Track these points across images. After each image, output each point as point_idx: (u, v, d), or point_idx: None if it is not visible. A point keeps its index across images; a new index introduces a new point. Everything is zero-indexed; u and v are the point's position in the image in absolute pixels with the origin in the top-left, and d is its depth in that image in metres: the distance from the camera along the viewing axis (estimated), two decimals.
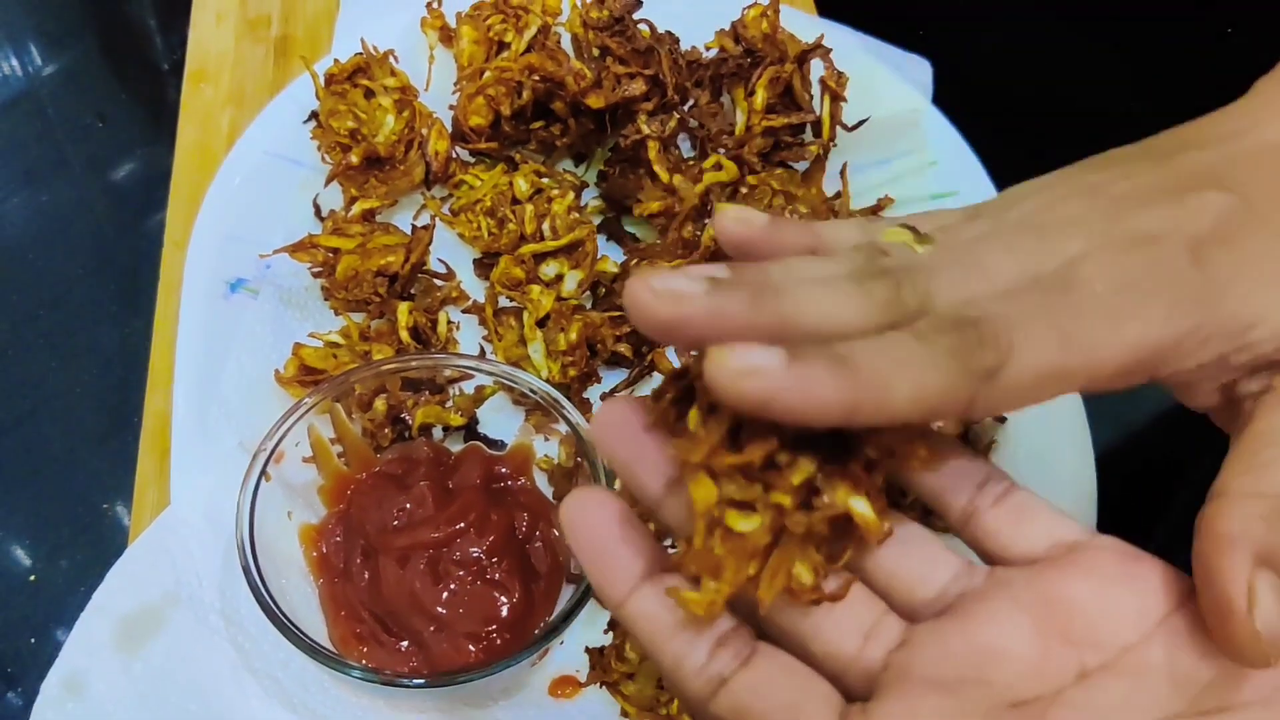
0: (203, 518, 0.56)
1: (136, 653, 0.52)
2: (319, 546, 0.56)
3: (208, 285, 0.65)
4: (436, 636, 0.54)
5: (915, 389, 0.32)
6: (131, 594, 0.54)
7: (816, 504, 0.34)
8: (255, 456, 0.54)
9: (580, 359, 0.63)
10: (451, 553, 0.55)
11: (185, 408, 0.60)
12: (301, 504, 0.57)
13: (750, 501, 0.34)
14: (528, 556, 0.57)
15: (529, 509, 0.58)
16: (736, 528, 0.34)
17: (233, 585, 0.54)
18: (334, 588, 0.55)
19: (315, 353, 0.62)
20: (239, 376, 0.62)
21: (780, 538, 0.34)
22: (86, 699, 0.52)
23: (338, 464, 0.58)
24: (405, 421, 0.61)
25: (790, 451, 0.34)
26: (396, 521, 0.57)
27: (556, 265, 0.67)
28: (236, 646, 0.53)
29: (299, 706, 0.53)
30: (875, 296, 0.34)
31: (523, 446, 0.60)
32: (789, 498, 0.34)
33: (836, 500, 0.34)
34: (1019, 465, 0.60)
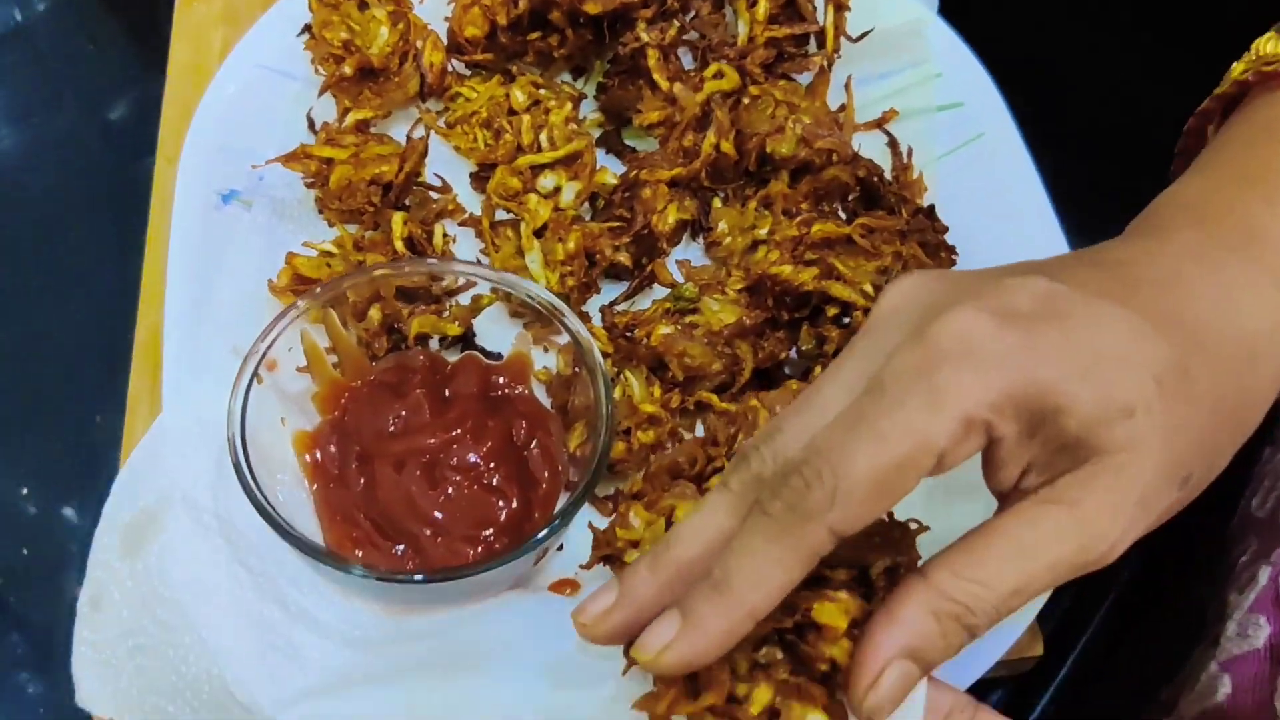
0: (196, 423, 0.55)
1: (137, 556, 0.52)
2: (313, 452, 0.55)
3: (200, 196, 0.64)
4: (433, 540, 0.53)
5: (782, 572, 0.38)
6: (132, 501, 0.54)
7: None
8: (246, 358, 0.53)
9: (579, 269, 0.62)
10: (448, 458, 0.55)
11: (177, 317, 0.59)
12: (296, 411, 0.57)
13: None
14: (526, 464, 0.56)
15: (527, 417, 0.57)
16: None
17: (227, 489, 0.53)
18: (328, 493, 0.54)
19: (309, 262, 0.61)
20: (232, 287, 0.61)
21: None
22: (107, 611, 0.52)
23: (332, 371, 0.57)
24: (401, 332, 0.60)
25: (748, 681, 0.40)
26: (392, 428, 0.56)
27: (554, 177, 0.66)
28: (232, 546, 0.52)
29: (293, 609, 0.52)
30: (733, 489, 0.41)
31: (520, 356, 0.59)
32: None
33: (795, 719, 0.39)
34: None
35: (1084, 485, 0.39)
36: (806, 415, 0.41)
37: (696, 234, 0.66)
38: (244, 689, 0.49)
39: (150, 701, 0.50)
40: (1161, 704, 0.54)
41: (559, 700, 0.48)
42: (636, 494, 0.54)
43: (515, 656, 0.51)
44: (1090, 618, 0.60)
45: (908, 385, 0.38)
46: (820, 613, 0.40)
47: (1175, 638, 0.57)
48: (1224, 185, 0.48)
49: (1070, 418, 0.39)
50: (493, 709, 0.48)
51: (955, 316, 0.39)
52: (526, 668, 0.50)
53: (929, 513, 0.54)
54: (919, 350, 0.39)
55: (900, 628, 0.39)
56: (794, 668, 0.41)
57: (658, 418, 0.57)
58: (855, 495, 0.38)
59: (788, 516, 0.38)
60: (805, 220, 0.60)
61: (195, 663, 0.50)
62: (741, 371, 0.59)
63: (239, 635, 0.51)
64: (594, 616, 0.42)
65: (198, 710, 0.50)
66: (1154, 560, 0.62)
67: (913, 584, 0.40)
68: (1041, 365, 0.38)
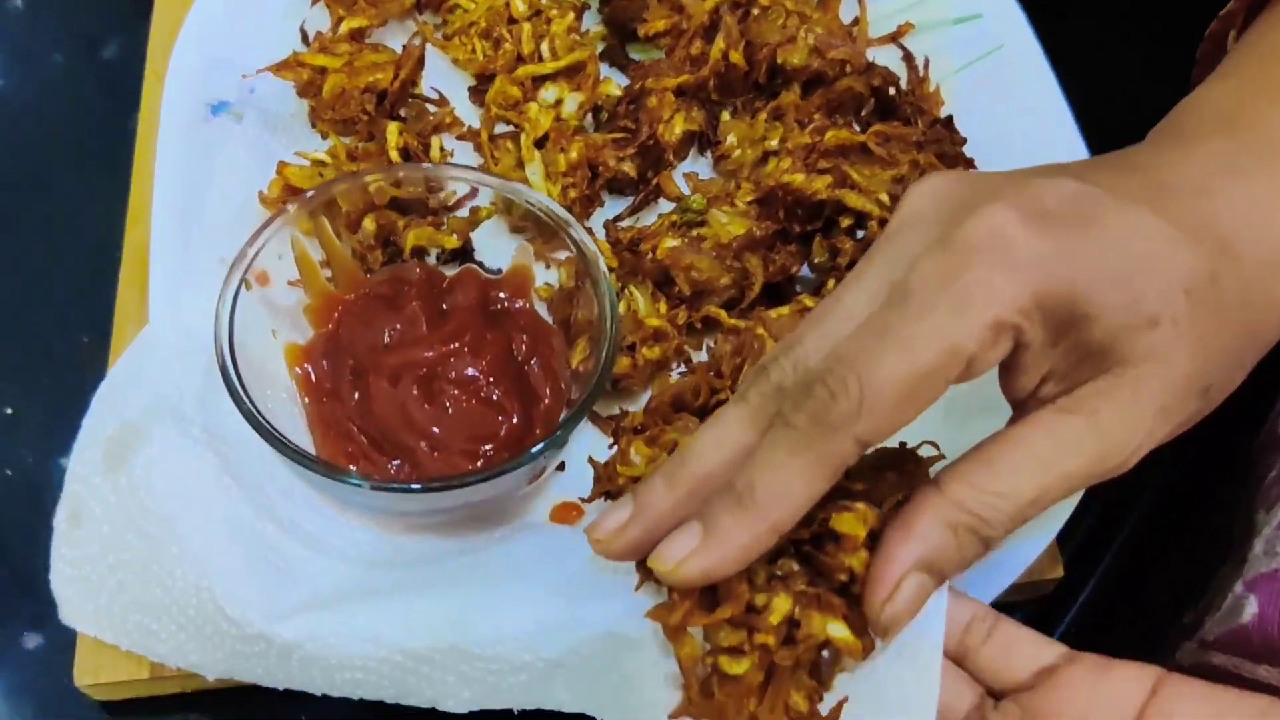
0: (183, 334, 0.53)
1: (120, 469, 0.50)
2: (305, 366, 0.53)
3: (188, 107, 0.61)
4: (431, 455, 0.51)
5: (806, 485, 0.37)
6: (115, 414, 0.51)
7: (798, 636, 0.39)
8: (234, 263, 0.51)
9: (581, 181, 0.59)
10: (446, 372, 0.53)
11: (164, 229, 0.57)
12: (288, 324, 0.54)
13: (738, 646, 0.38)
14: (526, 379, 0.54)
15: (528, 331, 0.55)
16: (730, 671, 0.38)
17: (215, 402, 0.51)
18: (322, 407, 0.52)
19: (301, 172, 0.58)
20: (221, 200, 0.59)
21: (772, 673, 0.39)
22: (87, 526, 0.50)
23: (324, 283, 0.55)
24: (396, 245, 0.57)
25: (765, 592, 0.39)
26: (387, 341, 0.54)
27: (556, 89, 0.63)
28: (221, 459, 0.50)
29: (286, 523, 0.50)
30: (751, 402, 0.40)
31: (521, 268, 0.57)
32: (772, 637, 0.38)
33: (815, 630, 0.38)
34: None
35: (1104, 395, 0.38)
36: (828, 324, 0.39)
37: (704, 148, 0.64)
38: (234, 603, 0.47)
39: (133, 619, 0.48)
40: (1185, 627, 0.52)
41: (568, 615, 0.46)
42: (638, 428, 0.52)
43: (520, 575, 0.49)
44: (1111, 540, 0.58)
45: (935, 289, 0.37)
46: (839, 523, 0.39)
47: (1199, 560, 0.55)
48: (1252, 94, 0.46)
49: (1096, 326, 0.38)
50: (497, 623, 0.46)
51: (985, 216, 0.38)
52: (533, 584, 0.48)
53: (945, 432, 0.53)
54: (947, 253, 0.38)
55: (915, 540, 0.38)
56: (812, 579, 0.39)
57: (663, 332, 0.55)
58: (882, 405, 0.37)
59: (813, 428, 0.37)
60: (818, 128, 0.58)
61: (182, 577, 0.48)
62: (751, 286, 0.57)
63: (229, 549, 0.48)
64: (608, 532, 0.41)
65: (184, 626, 0.48)
66: (1176, 482, 0.60)
67: (927, 495, 0.39)
68: (1074, 269, 0.37)
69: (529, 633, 0.46)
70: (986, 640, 0.42)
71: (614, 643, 0.45)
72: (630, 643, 0.44)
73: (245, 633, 0.47)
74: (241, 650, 0.48)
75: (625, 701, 0.45)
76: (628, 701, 0.44)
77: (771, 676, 0.39)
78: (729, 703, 0.38)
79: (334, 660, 0.47)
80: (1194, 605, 0.53)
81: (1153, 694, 0.39)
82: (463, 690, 0.46)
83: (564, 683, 0.46)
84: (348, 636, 0.47)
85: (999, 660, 0.42)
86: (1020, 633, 0.42)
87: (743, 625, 0.39)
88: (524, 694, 0.46)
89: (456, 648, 0.46)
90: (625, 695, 0.44)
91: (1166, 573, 0.57)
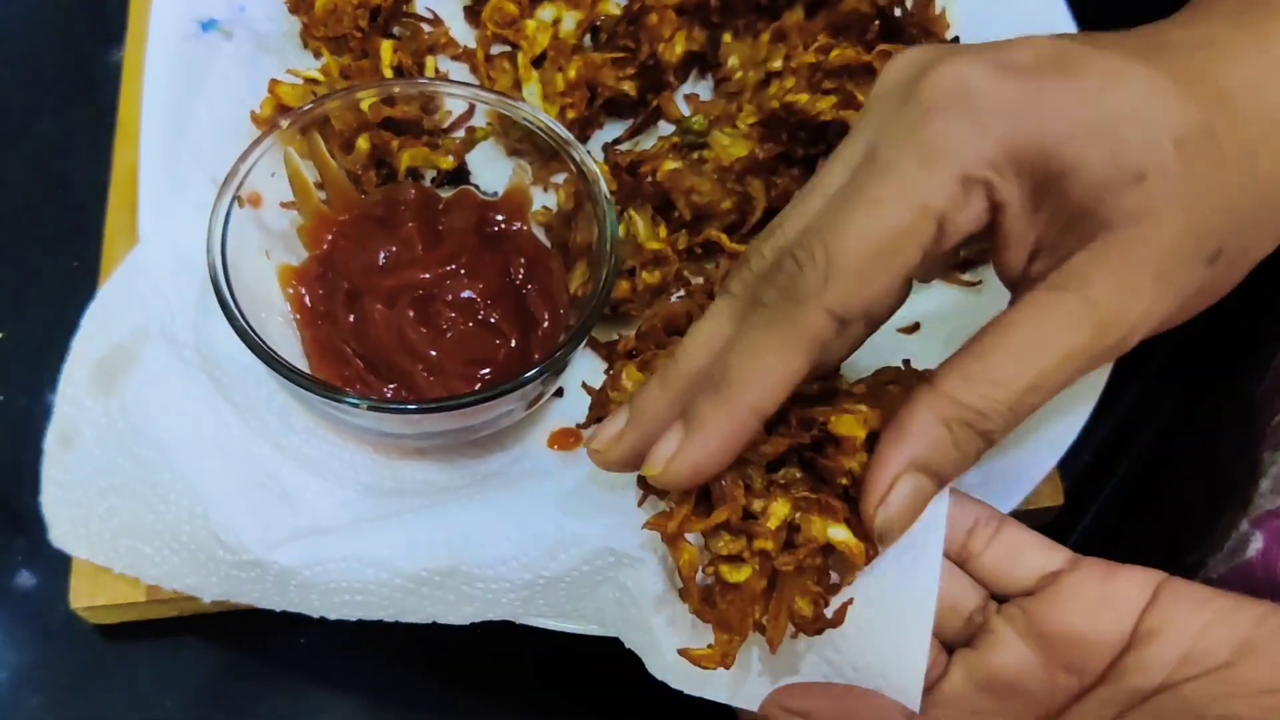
0: (173, 255, 0.52)
1: (111, 391, 0.49)
2: (299, 288, 0.52)
3: (177, 24, 0.60)
4: (427, 379, 0.50)
5: (780, 363, 0.36)
6: (104, 335, 0.51)
7: (798, 540, 0.38)
8: (226, 180, 0.49)
9: (579, 101, 0.58)
10: (443, 294, 0.52)
11: (153, 148, 0.55)
12: (281, 247, 0.53)
13: (738, 554, 0.37)
14: (524, 303, 0.53)
15: (525, 255, 0.54)
16: (731, 579, 0.37)
17: (209, 324, 0.50)
18: (317, 330, 0.51)
19: (293, 90, 0.57)
20: (211, 119, 0.57)
21: (775, 580, 0.38)
22: (78, 449, 0.49)
23: (318, 203, 0.54)
24: (391, 166, 0.56)
25: (764, 498, 0.38)
26: (383, 263, 0.53)
27: (554, 8, 0.61)
28: (214, 381, 0.49)
29: (283, 445, 0.49)
30: (734, 292, 0.39)
31: (518, 190, 0.56)
32: (771, 542, 0.37)
33: (815, 534, 0.38)
34: None
35: (1094, 263, 0.36)
36: (807, 202, 0.38)
37: (705, 71, 0.63)
38: (229, 529, 0.46)
39: (125, 543, 0.48)
40: (1187, 568, 0.52)
41: (567, 532, 0.45)
42: (630, 352, 0.51)
43: (520, 498, 0.48)
44: (1113, 469, 0.58)
45: (900, 148, 0.36)
46: (838, 425, 0.38)
47: (1196, 503, 0.55)
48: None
49: (1077, 183, 0.35)
50: (497, 544, 0.46)
51: (949, 68, 0.36)
52: (532, 506, 0.47)
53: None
54: (909, 107, 0.36)
55: (909, 440, 0.37)
56: (814, 485, 0.39)
57: (664, 256, 0.54)
58: (849, 270, 0.35)
59: (782, 303, 0.36)
60: (823, 47, 0.56)
61: (175, 502, 0.47)
62: (753, 210, 0.56)
63: (224, 473, 0.48)
64: (607, 441, 0.40)
65: (178, 552, 0.47)
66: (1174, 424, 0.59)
67: (920, 394, 0.37)
68: (1045, 119, 0.35)
69: (528, 553, 0.45)
70: (990, 544, 0.41)
71: (613, 559, 0.44)
72: (630, 559, 0.44)
73: (240, 559, 0.46)
74: (236, 575, 0.47)
75: (625, 615, 0.44)
76: (628, 616, 0.44)
77: (775, 584, 0.38)
78: (732, 611, 0.38)
79: (332, 585, 0.46)
80: (1195, 547, 0.53)
81: (1154, 598, 0.39)
82: (463, 605, 0.46)
83: (565, 596, 0.45)
84: (345, 561, 0.46)
85: (1003, 564, 0.41)
86: (1025, 537, 0.42)
87: (742, 532, 0.38)
88: (524, 607, 0.46)
89: (456, 570, 0.45)
90: (626, 609, 0.44)
91: (1165, 511, 0.57)
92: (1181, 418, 0.60)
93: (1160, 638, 0.38)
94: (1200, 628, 0.38)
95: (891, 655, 0.40)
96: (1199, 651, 0.37)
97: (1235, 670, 0.37)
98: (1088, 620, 0.39)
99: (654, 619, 0.42)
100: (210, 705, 0.52)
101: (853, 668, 0.40)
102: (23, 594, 0.54)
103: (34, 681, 0.52)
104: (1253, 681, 0.37)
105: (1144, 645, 0.38)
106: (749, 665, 0.42)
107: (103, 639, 0.53)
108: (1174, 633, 0.38)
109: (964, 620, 0.41)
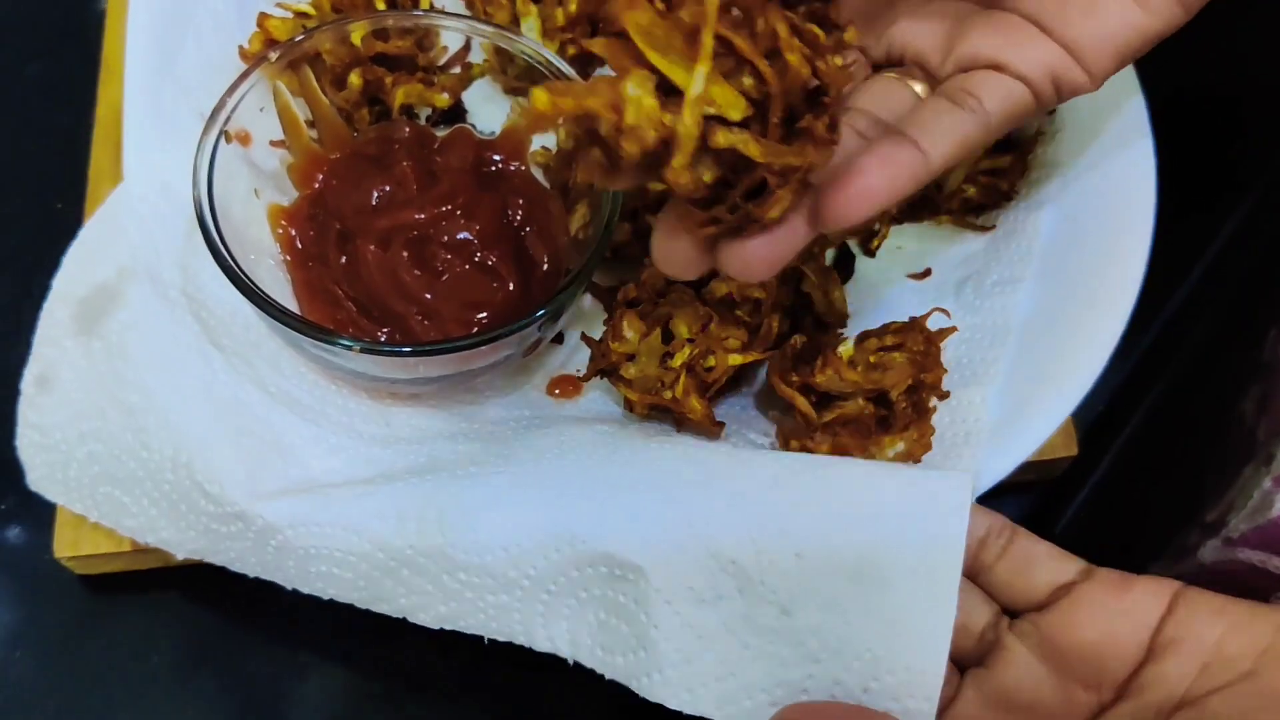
0: (159, 192, 0.50)
1: (94, 332, 0.47)
2: (289, 229, 0.50)
3: None
4: (422, 323, 0.48)
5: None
6: (87, 275, 0.49)
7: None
8: (213, 114, 0.47)
9: (580, 36, 0.56)
10: (438, 236, 0.50)
11: (138, 83, 0.53)
12: (271, 186, 0.52)
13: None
14: (523, 245, 0.51)
15: (524, 195, 0.52)
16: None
17: (197, 264, 0.49)
18: (307, 273, 0.50)
19: (283, 24, 0.55)
20: (197, 54, 0.55)
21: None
22: (56, 392, 0.47)
23: (309, 140, 0.52)
24: (384, 104, 0.54)
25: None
26: (376, 203, 0.51)
27: None
28: (202, 324, 0.48)
29: (273, 389, 0.48)
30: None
31: (517, 128, 0.54)
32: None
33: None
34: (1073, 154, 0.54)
35: None
36: None
37: None
38: (214, 479, 0.45)
39: (102, 491, 0.46)
40: (1207, 526, 0.51)
41: (564, 527, 0.43)
42: (630, 301, 0.50)
43: (519, 482, 0.45)
44: (1126, 421, 0.56)
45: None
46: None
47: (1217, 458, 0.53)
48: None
49: None
50: (489, 530, 0.43)
51: None
52: (533, 493, 0.44)
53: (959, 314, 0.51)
54: None
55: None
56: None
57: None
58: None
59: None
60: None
61: (158, 449, 0.45)
62: None
63: (211, 419, 0.46)
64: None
65: (157, 502, 0.46)
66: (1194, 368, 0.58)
67: None
68: None
69: (520, 544, 0.43)
70: (1002, 555, 0.41)
71: (606, 570, 0.42)
72: (627, 570, 0.41)
73: (224, 511, 0.45)
74: (216, 530, 0.46)
75: (611, 639, 0.42)
76: (615, 638, 0.42)
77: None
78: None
79: (312, 549, 0.44)
80: (1214, 504, 0.51)
81: (1169, 610, 0.38)
82: (438, 604, 0.44)
83: (542, 610, 0.43)
84: (331, 525, 0.44)
85: (1016, 576, 0.40)
86: (1037, 548, 0.41)
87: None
88: (498, 618, 0.43)
89: (442, 552, 0.43)
90: (612, 631, 0.42)
91: (1181, 466, 0.55)
92: (1199, 369, 0.59)
93: (1179, 649, 0.37)
94: (1219, 637, 0.37)
95: (905, 676, 0.38)
96: (1220, 661, 0.37)
97: (1261, 681, 0.36)
98: (1103, 633, 0.38)
99: (654, 631, 0.40)
100: (197, 659, 0.50)
101: (863, 689, 0.39)
102: (9, 548, 0.53)
103: (20, 637, 0.51)
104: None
105: (1162, 657, 0.38)
106: (753, 682, 0.40)
107: (89, 592, 0.51)
108: (1193, 642, 0.37)
109: (976, 638, 0.40)
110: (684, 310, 0.48)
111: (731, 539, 0.40)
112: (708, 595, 0.40)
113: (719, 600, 0.40)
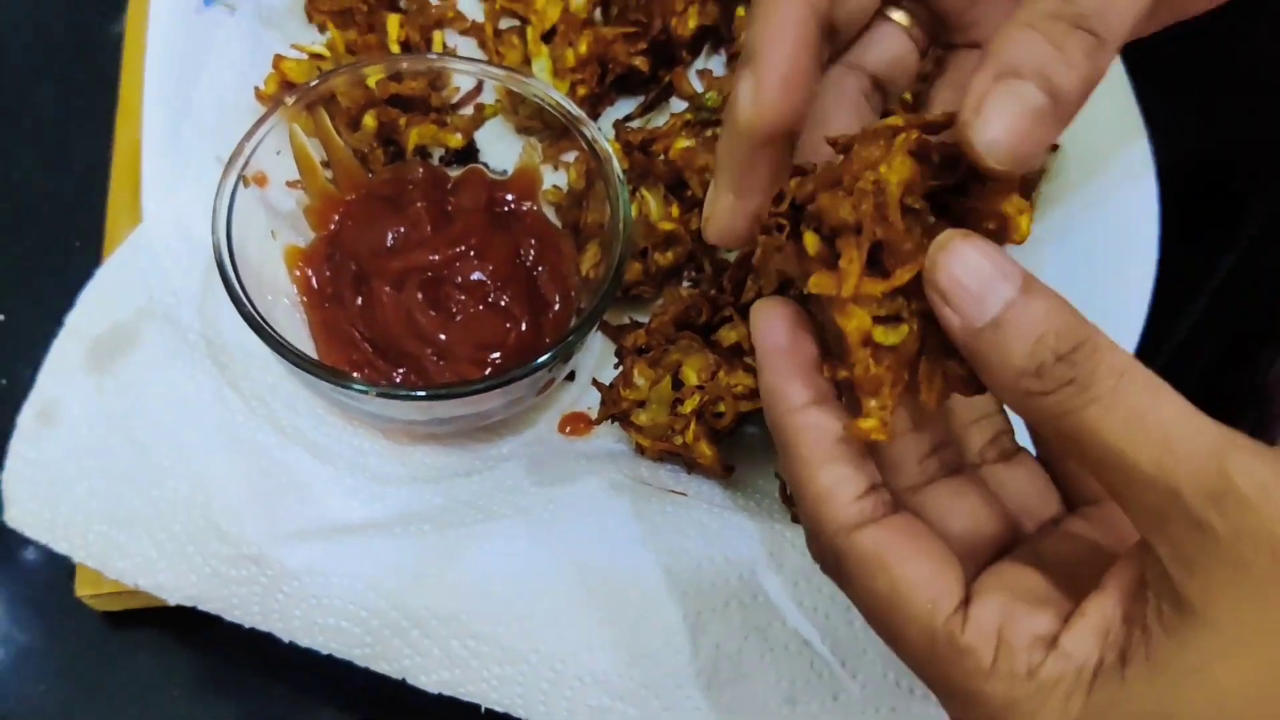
0: (177, 234, 0.50)
1: (107, 370, 0.47)
2: (306, 270, 0.51)
3: None
4: (436, 363, 0.49)
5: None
6: (103, 314, 0.49)
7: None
8: (232, 158, 0.48)
9: (590, 77, 0.57)
10: (451, 276, 0.51)
11: (156, 125, 0.54)
12: (287, 227, 0.52)
13: (895, 314, 0.34)
14: (535, 285, 0.52)
15: (536, 235, 0.53)
16: (886, 343, 0.34)
17: (213, 307, 0.49)
18: (324, 314, 0.50)
19: (298, 66, 0.56)
20: (214, 95, 0.56)
21: (925, 344, 0.34)
22: (60, 426, 0.47)
23: (325, 182, 0.53)
24: (398, 144, 0.55)
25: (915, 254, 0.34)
26: (391, 244, 0.52)
27: None
28: (219, 366, 0.48)
29: (290, 431, 0.48)
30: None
31: (528, 169, 0.54)
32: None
33: None
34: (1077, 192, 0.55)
35: None
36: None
37: (719, 45, 0.61)
38: (233, 519, 0.45)
39: (96, 529, 0.45)
40: None
41: (586, 619, 0.43)
42: (641, 348, 0.50)
43: (541, 545, 0.46)
44: None
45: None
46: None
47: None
48: None
49: None
50: (507, 601, 0.44)
51: None
52: (554, 562, 0.45)
53: None
54: None
55: (996, 54, 0.31)
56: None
57: (676, 236, 0.53)
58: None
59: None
60: None
61: (173, 487, 0.46)
62: None
63: (228, 459, 0.46)
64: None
65: (161, 543, 0.45)
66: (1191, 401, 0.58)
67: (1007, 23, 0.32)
68: None
69: (532, 619, 0.43)
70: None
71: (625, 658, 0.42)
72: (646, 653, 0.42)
73: (238, 553, 0.45)
74: (224, 573, 0.45)
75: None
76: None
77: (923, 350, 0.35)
78: (885, 376, 0.34)
79: (324, 603, 0.44)
80: None
81: None
82: (442, 669, 0.44)
83: (546, 689, 0.43)
84: (350, 579, 0.45)
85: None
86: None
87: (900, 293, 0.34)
88: (501, 690, 0.43)
89: (455, 618, 0.43)
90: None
91: None
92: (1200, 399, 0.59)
93: None
94: None
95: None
96: None
97: None
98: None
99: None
100: (213, 693, 0.51)
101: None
102: (33, 583, 0.53)
103: (44, 670, 0.51)
104: None
105: None
106: None
107: (110, 627, 0.52)
108: None
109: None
110: (693, 358, 0.49)
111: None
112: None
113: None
